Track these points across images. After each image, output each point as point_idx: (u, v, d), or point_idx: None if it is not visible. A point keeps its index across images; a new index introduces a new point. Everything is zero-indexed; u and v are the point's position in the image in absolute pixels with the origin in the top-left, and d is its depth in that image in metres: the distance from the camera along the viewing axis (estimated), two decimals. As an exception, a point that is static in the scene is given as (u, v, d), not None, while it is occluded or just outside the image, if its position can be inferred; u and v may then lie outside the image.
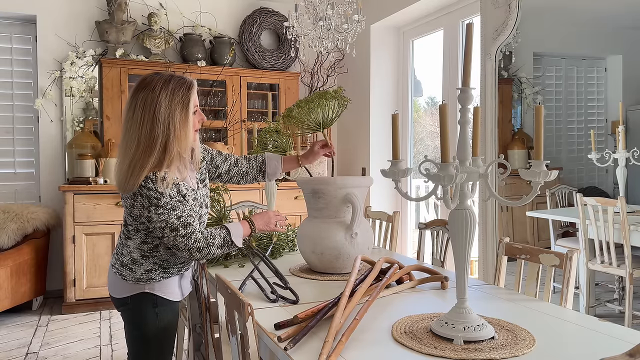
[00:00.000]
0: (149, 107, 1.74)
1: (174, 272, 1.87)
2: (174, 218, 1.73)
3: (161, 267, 1.84)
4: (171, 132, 1.75)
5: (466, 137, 1.37)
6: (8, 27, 4.66)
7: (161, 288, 1.85)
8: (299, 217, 4.72)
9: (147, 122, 1.73)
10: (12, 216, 4.15)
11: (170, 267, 1.86)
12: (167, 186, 1.74)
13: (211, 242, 1.79)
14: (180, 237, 1.74)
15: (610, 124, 3.42)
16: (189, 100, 1.81)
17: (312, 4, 3.26)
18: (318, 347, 1.31)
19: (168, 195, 1.73)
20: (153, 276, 1.83)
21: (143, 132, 1.73)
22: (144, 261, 1.83)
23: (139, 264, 1.83)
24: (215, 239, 1.80)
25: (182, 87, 1.80)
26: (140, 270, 1.82)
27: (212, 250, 1.79)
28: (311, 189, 2.10)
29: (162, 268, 1.85)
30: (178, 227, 1.74)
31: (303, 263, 2.30)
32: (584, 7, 3.56)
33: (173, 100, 1.76)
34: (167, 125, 1.75)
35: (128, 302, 1.85)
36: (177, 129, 1.76)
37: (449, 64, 4.26)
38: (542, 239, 3.68)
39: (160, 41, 4.81)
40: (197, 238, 1.76)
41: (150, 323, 1.84)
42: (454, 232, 1.38)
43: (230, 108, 4.98)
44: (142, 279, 1.82)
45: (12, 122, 4.67)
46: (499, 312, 1.60)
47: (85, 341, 3.55)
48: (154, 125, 1.73)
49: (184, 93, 1.80)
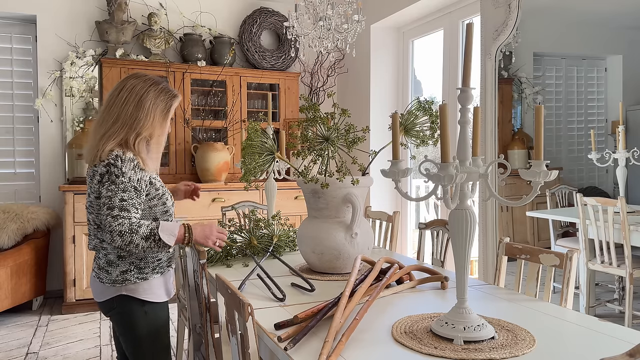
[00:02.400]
0: (137, 92, 1.89)
1: (148, 272, 1.88)
2: (117, 198, 1.75)
3: (137, 267, 1.87)
4: (149, 120, 1.88)
5: (466, 137, 1.37)
6: (8, 27, 4.66)
7: (139, 290, 1.86)
8: (299, 217, 4.72)
9: (131, 104, 1.87)
10: (12, 216, 4.15)
11: (145, 266, 1.88)
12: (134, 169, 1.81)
13: (136, 229, 1.72)
14: (110, 217, 1.72)
15: (610, 124, 3.42)
16: (171, 105, 1.96)
17: (312, 4, 3.26)
18: (318, 347, 1.31)
19: (127, 177, 1.79)
20: (128, 277, 1.85)
21: (124, 110, 1.86)
22: (120, 262, 1.85)
23: (115, 265, 1.85)
24: (141, 228, 1.74)
25: (169, 93, 1.96)
26: (116, 272, 1.85)
27: (135, 238, 1.72)
28: (311, 189, 2.10)
29: (138, 268, 1.87)
30: (114, 207, 1.74)
31: (303, 263, 2.30)
32: (584, 7, 3.56)
33: (158, 97, 1.91)
34: (149, 112, 1.88)
35: (114, 306, 1.87)
36: (156, 120, 1.90)
37: (449, 64, 4.26)
38: (542, 239, 3.68)
39: (160, 41, 4.81)
40: (123, 222, 1.72)
41: (140, 323, 1.86)
42: (454, 232, 1.38)
43: (230, 108, 4.98)
44: (118, 281, 1.84)
45: (12, 122, 4.68)
46: (499, 312, 1.60)
47: (85, 341, 3.55)
48: (137, 107, 1.87)
49: (169, 97, 1.95)
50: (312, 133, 2.13)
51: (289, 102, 5.23)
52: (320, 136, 2.12)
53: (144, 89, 1.89)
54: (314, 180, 2.06)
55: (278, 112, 5.21)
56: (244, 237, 2.52)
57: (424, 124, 2.20)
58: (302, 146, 2.17)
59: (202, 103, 5.06)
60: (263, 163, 2.34)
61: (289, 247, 2.64)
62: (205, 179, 4.70)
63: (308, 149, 2.12)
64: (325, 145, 2.11)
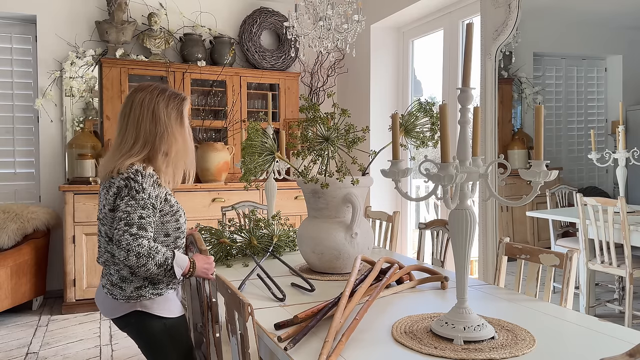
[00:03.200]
0: (147, 106, 1.83)
1: (162, 287, 1.85)
2: (136, 215, 1.72)
3: (151, 282, 1.83)
4: (169, 132, 1.83)
5: (466, 137, 1.37)
6: (8, 27, 4.66)
7: (154, 306, 1.83)
8: (299, 217, 4.72)
9: (147, 119, 1.82)
10: (12, 216, 4.15)
11: (159, 282, 1.84)
12: (153, 185, 1.77)
13: (153, 255, 1.71)
14: (128, 235, 1.69)
15: (610, 124, 3.42)
16: (183, 109, 1.90)
17: (312, 4, 3.26)
18: (318, 347, 1.31)
19: (148, 194, 1.75)
20: (143, 293, 1.81)
21: (143, 127, 1.82)
22: (134, 278, 1.82)
23: (129, 281, 1.81)
24: (158, 254, 1.73)
25: (177, 97, 1.91)
26: (130, 288, 1.81)
27: (150, 264, 1.71)
28: (311, 189, 2.10)
29: (152, 284, 1.83)
30: (133, 225, 1.70)
31: (303, 263, 2.30)
32: (584, 7, 3.56)
33: (169, 105, 1.86)
34: (166, 124, 1.83)
35: (132, 321, 1.84)
36: (175, 130, 1.85)
37: (449, 64, 4.26)
38: (542, 239, 3.68)
39: (160, 41, 4.81)
40: (142, 244, 1.70)
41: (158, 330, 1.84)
42: (454, 232, 1.38)
43: (230, 108, 4.98)
44: (133, 297, 1.81)
45: (12, 122, 4.67)
46: (499, 312, 1.60)
47: (85, 341, 3.55)
48: (153, 121, 1.82)
49: (179, 102, 1.90)
50: (312, 133, 2.13)
51: (289, 102, 5.23)
52: (320, 136, 2.12)
53: (152, 100, 1.85)
54: (314, 180, 2.06)
55: (278, 112, 5.21)
56: (244, 237, 2.52)
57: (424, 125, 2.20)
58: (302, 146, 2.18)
59: (202, 103, 5.06)
60: (263, 163, 2.34)
61: (289, 247, 2.64)
62: (205, 179, 4.70)
63: (308, 149, 2.13)
64: (325, 145, 2.11)
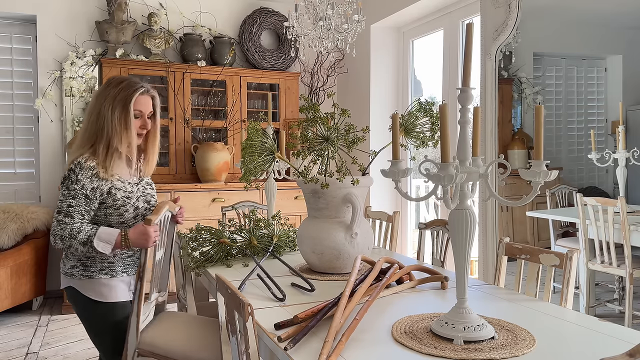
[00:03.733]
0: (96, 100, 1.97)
1: (95, 271, 1.97)
2: (65, 204, 1.88)
3: (83, 264, 1.96)
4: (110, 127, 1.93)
5: (466, 137, 1.37)
6: (8, 27, 4.66)
7: (84, 287, 1.96)
8: (299, 217, 4.72)
9: (93, 114, 1.96)
10: (12, 216, 4.15)
11: (92, 265, 1.97)
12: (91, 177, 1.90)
13: (75, 234, 1.85)
14: (56, 221, 1.87)
15: (610, 124, 3.42)
16: (130, 102, 1.96)
17: (312, 4, 3.26)
18: (318, 347, 1.31)
19: (81, 185, 1.89)
20: (74, 272, 1.96)
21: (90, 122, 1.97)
22: (71, 256, 1.98)
23: (68, 258, 1.99)
24: (80, 233, 1.86)
25: (129, 89, 1.97)
26: (68, 265, 1.98)
27: (74, 243, 1.85)
28: (311, 189, 2.10)
29: (84, 265, 1.96)
30: (61, 212, 1.88)
31: (303, 263, 2.30)
32: (584, 7, 3.56)
33: (115, 99, 1.95)
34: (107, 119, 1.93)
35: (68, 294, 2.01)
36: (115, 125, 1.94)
37: (449, 64, 4.26)
38: (542, 239, 3.68)
39: (160, 41, 4.81)
40: (64, 227, 1.85)
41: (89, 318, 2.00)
42: (454, 232, 1.38)
43: (230, 108, 4.98)
44: (68, 273, 1.97)
45: (12, 122, 4.67)
46: (499, 312, 1.60)
47: (86, 341, 3.55)
48: (98, 117, 1.95)
49: (128, 94, 1.96)
50: (312, 133, 2.13)
51: (289, 102, 5.23)
52: (320, 136, 2.12)
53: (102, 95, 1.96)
54: (314, 180, 2.06)
55: (278, 112, 5.21)
56: (244, 237, 2.52)
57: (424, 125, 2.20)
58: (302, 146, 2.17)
59: (202, 103, 5.05)
60: (263, 163, 2.34)
61: (289, 247, 2.64)
62: (205, 179, 4.70)
63: (308, 149, 2.12)
64: (325, 146, 2.11)
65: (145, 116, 2.02)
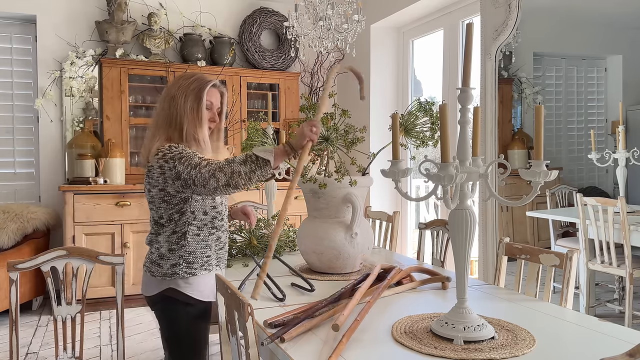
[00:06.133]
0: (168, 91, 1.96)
1: (197, 267, 1.89)
2: (195, 158, 1.80)
3: (186, 261, 1.88)
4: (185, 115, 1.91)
5: (466, 137, 1.37)
6: (8, 27, 4.66)
7: (187, 286, 1.88)
8: (299, 217, 4.72)
9: (166, 103, 1.94)
10: (12, 216, 4.15)
11: (194, 261, 1.89)
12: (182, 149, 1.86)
13: (230, 160, 1.77)
14: (203, 168, 1.76)
15: (610, 124, 3.42)
16: (202, 93, 1.95)
17: (312, 4, 3.26)
18: (318, 347, 1.31)
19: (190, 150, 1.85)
20: (177, 271, 1.87)
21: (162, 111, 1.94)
22: (171, 255, 1.88)
23: (166, 258, 1.88)
24: (235, 157, 1.79)
25: (200, 81, 1.97)
26: (167, 265, 1.88)
27: (235, 166, 1.75)
28: (311, 189, 2.10)
29: (187, 262, 1.88)
30: (200, 163, 1.78)
31: (303, 263, 2.30)
32: (584, 7, 3.56)
33: (188, 88, 1.94)
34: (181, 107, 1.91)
35: (158, 302, 1.91)
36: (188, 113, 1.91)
37: (449, 64, 4.26)
38: (542, 239, 3.68)
39: (160, 41, 4.81)
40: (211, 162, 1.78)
41: (181, 321, 1.89)
42: (454, 232, 1.38)
43: (230, 108, 4.98)
44: (168, 274, 1.87)
45: (12, 122, 4.67)
46: (499, 312, 1.60)
47: (85, 341, 3.54)
48: (170, 105, 1.92)
49: (199, 86, 1.96)
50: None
51: (289, 102, 5.22)
52: (319, 136, 2.12)
53: (175, 85, 1.96)
54: (313, 180, 2.06)
55: (278, 112, 5.21)
56: (244, 237, 2.52)
57: (424, 125, 2.20)
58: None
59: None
60: (263, 163, 2.33)
61: (289, 247, 2.64)
62: (205, 179, 4.69)
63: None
64: (324, 145, 2.11)
65: (214, 109, 2.01)
